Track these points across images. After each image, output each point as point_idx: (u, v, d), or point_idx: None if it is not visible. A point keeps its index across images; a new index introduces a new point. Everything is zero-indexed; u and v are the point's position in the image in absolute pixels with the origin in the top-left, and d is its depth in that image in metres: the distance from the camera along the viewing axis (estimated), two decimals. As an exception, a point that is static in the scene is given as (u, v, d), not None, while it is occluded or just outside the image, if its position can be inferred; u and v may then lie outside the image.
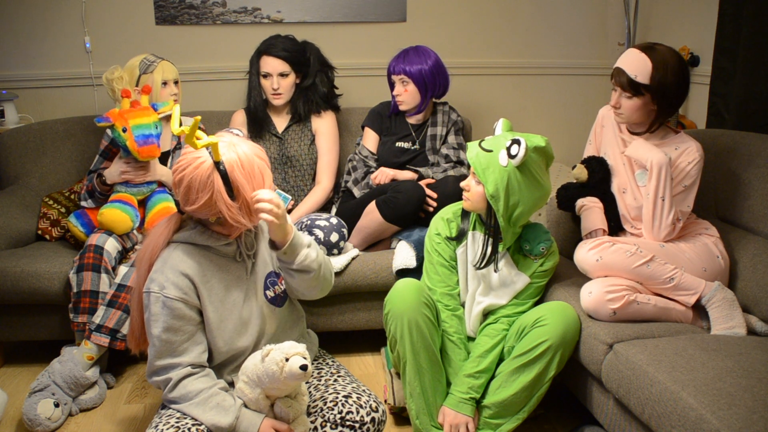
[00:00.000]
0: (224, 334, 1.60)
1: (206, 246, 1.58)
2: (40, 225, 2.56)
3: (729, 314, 1.83)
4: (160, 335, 1.53)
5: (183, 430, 1.47)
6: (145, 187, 2.36)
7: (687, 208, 1.98)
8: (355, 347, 2.57)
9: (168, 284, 1.53)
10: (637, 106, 1.95)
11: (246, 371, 1.56)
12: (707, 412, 1.38)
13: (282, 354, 1.50)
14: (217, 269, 1.59)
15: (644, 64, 1.91)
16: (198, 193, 1.48)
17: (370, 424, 1.56)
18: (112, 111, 2.26)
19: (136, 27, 3.02)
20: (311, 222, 2.40)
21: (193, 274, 1.55)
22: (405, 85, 2.57)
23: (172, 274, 1.53)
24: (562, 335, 1.79)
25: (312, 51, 2.72)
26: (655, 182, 1.93)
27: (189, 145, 1.48)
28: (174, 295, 1.52)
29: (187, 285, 1.54)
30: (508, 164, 1.78)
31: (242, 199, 1.50)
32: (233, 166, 1.48)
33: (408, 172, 2.55)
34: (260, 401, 1.55)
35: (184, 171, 1.49)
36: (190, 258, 1.56)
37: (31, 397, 2.02)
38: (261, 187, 1.52)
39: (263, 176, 1.53)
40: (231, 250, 1.61)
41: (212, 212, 1.51)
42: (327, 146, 2.74)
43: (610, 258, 1.86)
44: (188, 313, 1.55)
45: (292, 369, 1.47)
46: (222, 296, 1.59)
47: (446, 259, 1.98)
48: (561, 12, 3.34)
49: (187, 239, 1.58)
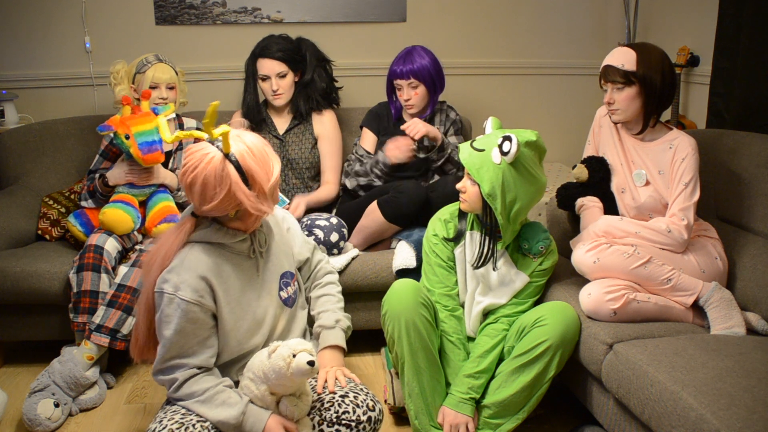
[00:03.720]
0: (238, 334, 1.59)
1: (221, 245, 1.56)
2: (40, 225, 2.57)
3: (728, 314, 1.83)
4: (172, 337, 1.50)
5: (187, 426, 1.46)
6: (147, 188, 2.37)
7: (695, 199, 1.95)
8: (355, 347, 2.56)
9: (183, 286, 1.49)
10: (631, 96, 1.96)
11: (252, 368, 1.55)
12: (707, 412, 1.38)
13: (289, 350, 1.49)
14: (233, 268, 1.57)
15: (629, 55, 1.95)
16: (215, 189, 1.44)
17: (366, 423, 1.55)
18: (114, 118, 2.26)
19: (136, 27, 3.02)
20: (311, 222, 2.40)
21: (211, 275, 1.52)
22: (414, 88, 2.56)
23: (189, 275, 1.50)
24: (562, 335, 1.79)
25: (307, 47, 2.71)
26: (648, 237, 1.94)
27: (204, 134, 1.47)
28: (189, 297, 1.49)
29: (204, 288, 1.51)
30: (502, 162, 1.78)
31: (258, 186, 1.48)
32: (243, 155, 1.46)
33: (434, 130, 2.49)
34: (266, 398, 1.54)
35: (195, 170, 1.44)
36: (208, 257, 1.53)
37: (31, 397, 2.02)
38: (274, 171, 1.50)
39: (273, 163, 1.52)
40: (245, 247, 1.60)
41: (232, 205, 1.48)
42: (330, 150, 2.74)
43: (607, 259, 1.86)
44: (202, 317, 1.52)
45: (299, 364, 1.47)
46: (238, 296, 1.58)
47: (444, 260, 1.98)
48: (561, 12, 3.34)
49: (203, 238, 1.55)
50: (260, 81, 2.65)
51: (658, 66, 1.94)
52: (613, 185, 2.13)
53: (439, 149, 2.50)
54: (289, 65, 2.63)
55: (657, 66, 1.93)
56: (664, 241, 1.92)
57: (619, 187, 2.10)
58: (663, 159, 2.00)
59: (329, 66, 2.78)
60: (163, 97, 2.47)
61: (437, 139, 2.50)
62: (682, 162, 1.96)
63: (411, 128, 2.44)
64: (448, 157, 2.53)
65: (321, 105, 2.74)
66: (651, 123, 2.02)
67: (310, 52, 2.70)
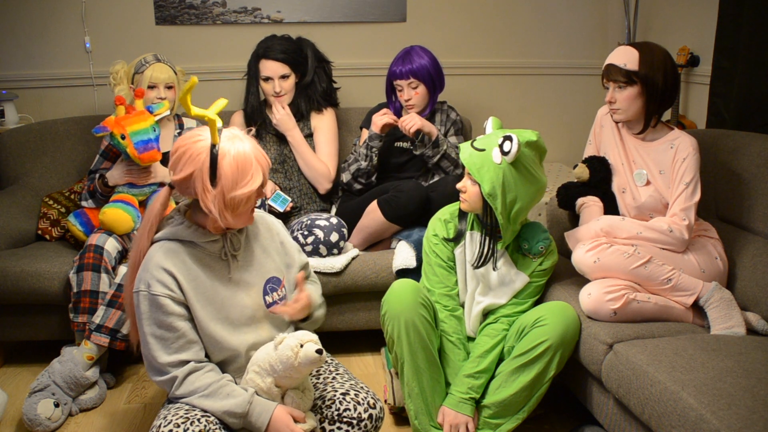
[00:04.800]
0: (215, 333, 1.60)
1: (192, 243, 1.59)
2: (40, 225, 2.57)
3: (727, 314, 1.83)
4: (154, 333, 1.53)
5: (192, 420, 1.46)
6: (147, 188, 2.37)
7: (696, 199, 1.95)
8: (355, 347, 2.57)
9: (153, 281, 1.53)
10: (632, 95, 1.96)
11: (257, 361, 1.56)
12: (707, 412, 1.38)
13: (296, 340, 1.51)
14: (202, 266, 1.59)
15: (631, 54, 1.95)
16: (185, 164, 1.50)
17: (367, 421, 1.56)
18: (109, 119, 2.26)
19: (136, 27, 3.02)
20: (311, 222, 2.40)
21: (177, 270, 1.55)
22: (414, 88, 2.56)
23: (156, 271, 1.53)
24: (562, 335, 1.79)
25: (308, 47, 2.71)
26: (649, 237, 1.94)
27: (185, 108, 1.53)
28: (159, 291, 1.52)
29: (171, 281, 1.54)
30: (502, 161, 1.79)
31: (221, 189, 1.50)
32: (225, 155, 1.49)
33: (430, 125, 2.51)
34: (272, 390, 1.54)
35: (184, 141, 1.52)
36: (174, 255, 1.56)
37: (31, 397, 2.02)
38: (246, 187, 1.51)
39: (253, 178, 1.52)
40: (217, 247, 1.61)
41: (190, 190, 1.52)
42: (325, 138, 2.73)
43: (607, 259, 1.86)
44: (176, 309, 1.54)
45: (308, 353, 1.48)
46: (210, 294, 1.59)
47: (444, 260, 1.98)
48: (561, 12, 3.34)
49: (173, 235, 1.58)
50: (262, 82, 2.65)
51: (661, 66, 1.93)
52: (614, 185, 2.13)
53: (434, 144, 2.51)
54: (292, 67, 2.63)
55: (660, 66, 1.93)
56: (665, 241, 1.92)
57: (619, 186, 2.10)
58: (664, 159, 2.00)
59: (328, 67, 2.78)
60: (161, 97, 2.47)
61: (432, 134, 2.50)
62: (683, 162, 1.95)
63: (407, 121, 2.47)
64: (444, 154, 2.53)
65: (321, 105, 2.74)
66: (652, 123, 2.02)
67: (311, 53, 2.71)
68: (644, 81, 1.94)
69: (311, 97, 2.72)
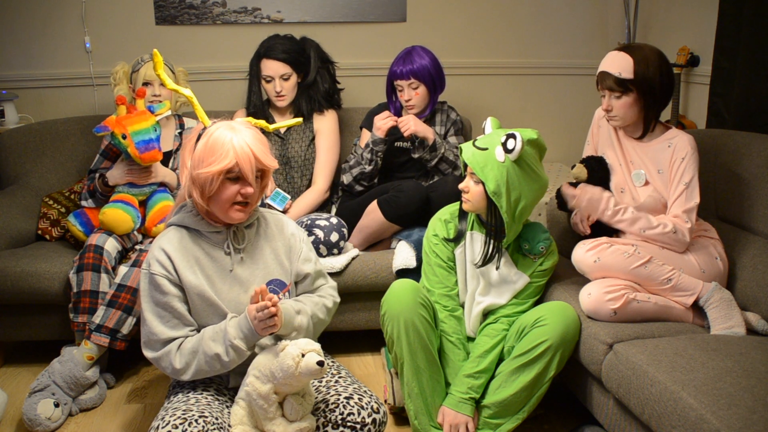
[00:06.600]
0: (210, 322, 1.63)
1: (198, 232, 1.65)
2: (40, 225, 2.57)
3: (727, 314, 1.83)
4: (152, 309, 1.60)
5: (190, 421, 1.46)
6: (147, 187, 2.37)
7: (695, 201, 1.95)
8: (355, 347, 2.57)
9: (153, 261, 1.61)
10: (628, 104, 1.95)
11: (258, 365, 1.56)
12: (707, 412, 1.38)
13: (298, 349, 1.51)
14: (204, 255, 1.64)
15: (626, 61, 1.92)
16: (192, 140, 1.63)
17: (371, 425, 1.56)
18: (110, 119, 2.26)
19: (136, 27, 3.02)
20: (311, 222, 2.40)
21: (176, 253, 1.61)
22: (415, 88, 2.55)
23: (157, 252, 1.61)
24: (562, 335, 1.79)
25: (311, 47, 2.71)
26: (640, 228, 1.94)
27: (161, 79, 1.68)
28: (157, 270, 1.59)
29: (168, 263, 1.60)
30: (506, 159, 1.79)
31: (192, 165, 1.58)
32: (207, 135, 1.58)
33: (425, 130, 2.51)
34: (270, 396, 1.54)
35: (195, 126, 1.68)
36: (178, 240, 1.63)
37: (31, 397, 2.02)
38: (210, 166, 1.54)
39: (218, 160, 1.53)
40: (220, 239, 1.65)
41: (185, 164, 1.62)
42: (326, 145, 2.73)
43: (608, 259, 1.86)
44: (172, 290, 1.60)
45: (308, 364, 1.48)
46: (207, 283, 1.62)
47: (444, 260, 1.98)
48: (561, 12, 3.34)
49: (181, 221, 1.66)
50: (263, 82, 2.65)
51: (656, 70, 1.92)
52: (613, 185, 2.12)
53: (431, 149, 2.51)
54: (293, 67, 2.63)
55: (655, 70, 1.92)
56: (667, 241, 1.92)
57: (618, 186, 2.10)
58: (662, 158, 2.00)
59: (332, 67, 2.78)
60: (156, 95, 2.47)
61: (428, 139, 2.50)
62: (681, 161, 1.95)
63: (403, 124, 2.48)
64: (442, 156, 2.53)
65: (323, 106, 2.73)
66: (651, 126, 2.01)
67: (314, 53, 2.70)
68: (640, 88, 1.92)
69: (313, 98, 2.71)
